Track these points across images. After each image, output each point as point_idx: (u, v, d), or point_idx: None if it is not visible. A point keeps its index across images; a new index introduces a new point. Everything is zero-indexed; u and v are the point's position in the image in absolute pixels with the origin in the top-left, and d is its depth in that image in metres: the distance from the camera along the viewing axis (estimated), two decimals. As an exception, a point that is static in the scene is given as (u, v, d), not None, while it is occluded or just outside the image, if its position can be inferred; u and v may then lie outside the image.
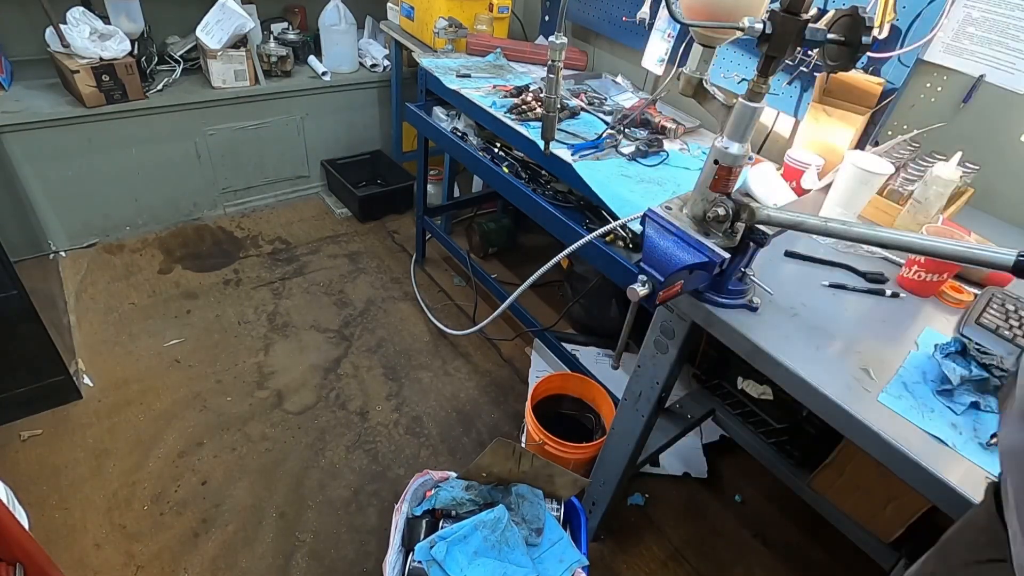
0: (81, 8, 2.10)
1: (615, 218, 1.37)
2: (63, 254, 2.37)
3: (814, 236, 1.18)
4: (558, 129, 1.59)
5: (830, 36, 0.75)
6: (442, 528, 1.24)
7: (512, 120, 1.68)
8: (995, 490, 0.50)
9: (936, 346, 0.89)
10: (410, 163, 2.98)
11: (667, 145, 1.65)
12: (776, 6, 0.73)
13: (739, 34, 0.74)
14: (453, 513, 1.28)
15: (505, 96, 1.80)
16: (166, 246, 2.50)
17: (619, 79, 2.07)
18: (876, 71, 1.44)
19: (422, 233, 2.51)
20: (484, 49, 2.15)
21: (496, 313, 1.44)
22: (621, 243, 1.47)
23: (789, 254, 1.13)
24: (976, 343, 0.88)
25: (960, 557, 0.54)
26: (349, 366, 2.06)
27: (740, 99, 0.80)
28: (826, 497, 1.47)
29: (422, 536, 1.22)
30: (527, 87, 1.85)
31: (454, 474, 1.35)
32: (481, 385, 2.07)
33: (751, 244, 0.89)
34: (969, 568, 0.52)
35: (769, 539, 1.70)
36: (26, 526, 1.23)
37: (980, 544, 0.51)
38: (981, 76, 1.30)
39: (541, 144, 1.54)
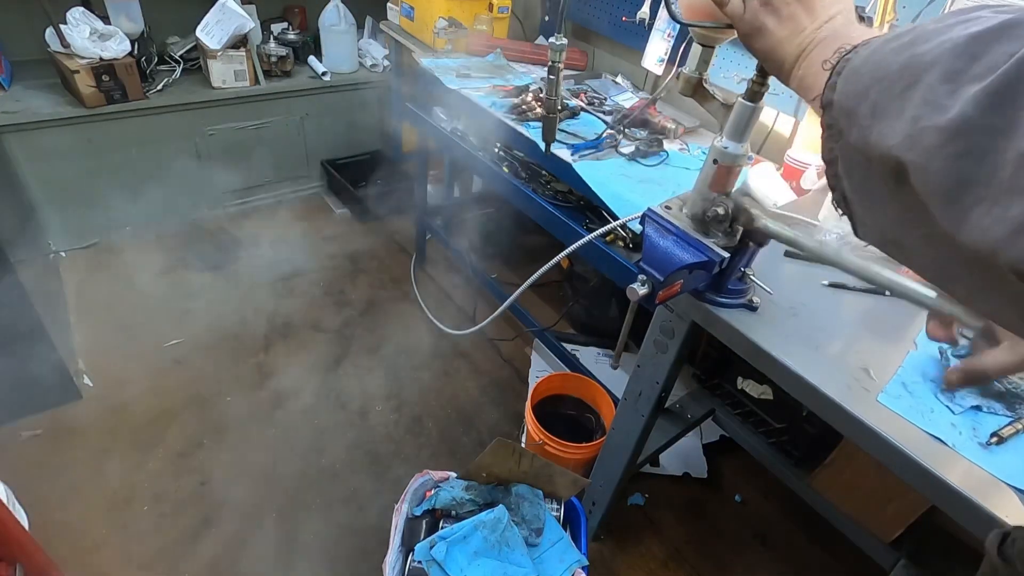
0: (81, 8, 2.10)
1: (615, 218, 1.37)
2: (63, 254, 2.37)
3: (814, 237, 1.18)
4: (558, 129, 1.59)
5: (830, 36, 0.75)
6: (442, 528, 1.24)
7: (512, 120, 1.68)
8: (1000, 541, 0.49)
9: (943, 348, 0.89)
10: (410, 163, 2.98)
11: (667, 145, 1.64)
12: (776, 6, 0.73)
13: (738, 36, 0.73)
14: (453, 513, 1.28)
15: (505, 96, 1.80)
16: (166, 246, 2.50)
17: (619, 79, 2.07)
18: (876, 71, 1.44)
19: (422, 233, 2.51)
20: (484, 49, 2.15)
21: (496, 313, 1.44)
22: (621, 243, 1.47)
23: (789, 254, 1.13)
24: None
25: None
26: (349, 366, 2.06)
27: (740, 99, 0.79)
28: (826, 497, 1.47)
29: (422, 536, 1.22)
30: (527, 87, 1.85)
31: (454, 474, 1.35)
32: (481, 385, 2.07)
33: (751, 244, 0.89)
34: None
35: (769, 539, 1.70)
36: (26, 526, 1.23)
37: None
38: (981, 76, 1.30)
39: (541, 145, 1.53)
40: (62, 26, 2.05)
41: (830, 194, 0.44)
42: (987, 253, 0.30)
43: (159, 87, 2.32)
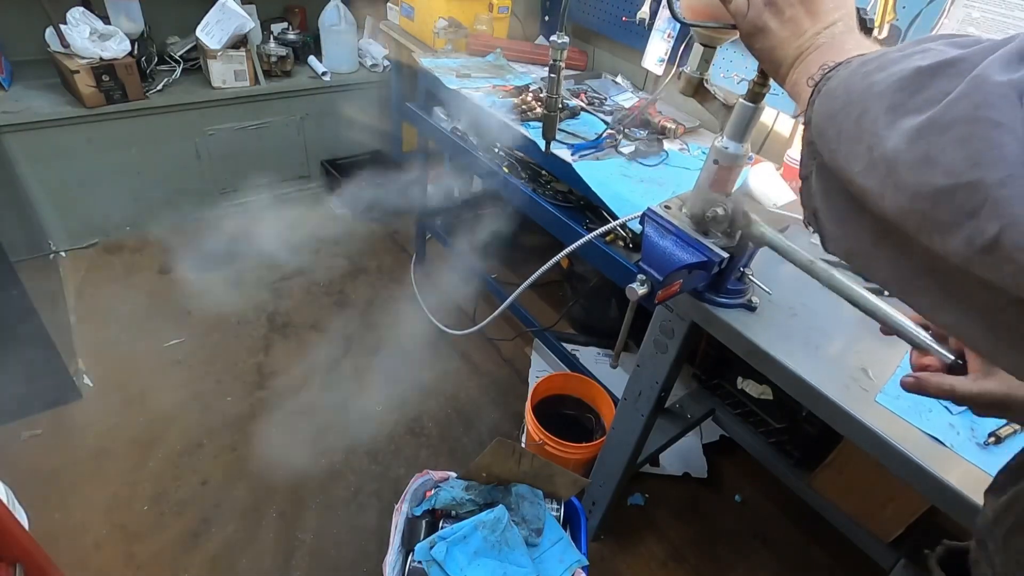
0: (81, 8, 2.10)
1: (615, 218, 1.37)
2: (63, 254, 2.37)
3: (812, 238, 1.18)
4: (558, 129, 1.59)
5: (829, 36, 0.75)
6: (442, 528, 1.24)
7: (512, 120, 1.68)
8: (940, 559, 0.50)
9: None
10: (410, 163, 2.98)
11: (667, 145, 1.65)
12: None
13: (740, 35, 0.73)
14: (453, 513, 1.28)
15: (505, 96, 1.80)
16: (166, 246, 2.50)
17: (619, 79, 2.07)
18: (876, 71, 1.44)
19: (422, 233, 2.51)
20: (484, 49, 2.15)
21: (496, 313, 1.44)
22: (621, 243, 1.47)
23: (789, 254, 1.12)
24: None
25: None
26: (349, 366, 2.07)
27: (740, 99, 0.80)
28: (826, 497, 1.47)
29: (422, 536, 1.22)
30: (527, 87, 1.85)
31: (454, 474, 1.35)
32: (481, 385, 2.07)
33: (750, 244, 0.90)
34: None
35: (769, 539, 1.70)
36: (26, 526, 1.23)
37: None
38: (981, 76, 1.30)
39: (541, 144, 1.53)
40: (62, 26, 2.05)
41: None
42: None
43: (159, 87, 2.32)
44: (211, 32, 2.30)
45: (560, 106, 1.53)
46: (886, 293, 0.72)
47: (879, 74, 0.35)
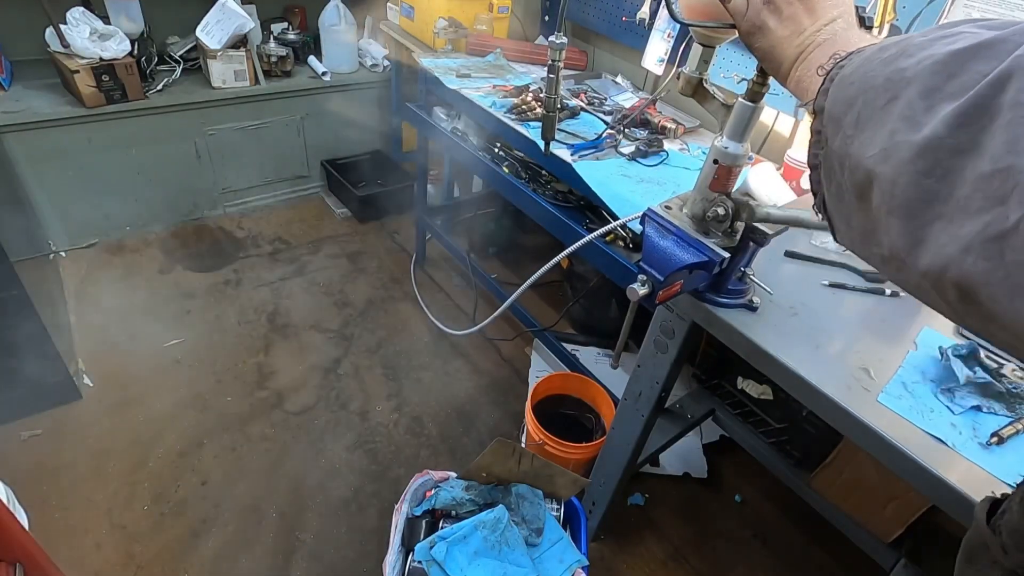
0: (81, 8, 2.10)
1: (615, 218, 1.37)
2: (63, 254, 2.37)
3: (813, 238, 1.18)
4: (558, 129, 1.59)
5: (830, 36, 0.75)
6: (442, 528, 1.24)
7: (512, 120, 1.68)
8: (989, 509, 0.49)
9: (943, 348, 0.89)
10: (410, 163, 2.98)
11: (667, 145, 1.65)
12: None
13: (739, 34, 0.73)
14: (453, 513, 1.28)
15: (505, 96, 1.80)
16: (166, 246, 2.50)
17: (619, 79, 2.07)
18: (876, 71, 1.44)
19: (422, 233, 2.51)
20: (484, 49, 2.15)
21: (496, 313, 1.44)
22: (621, 243, 1.47)
23: (789, 254, 1.13)
24: (988, 350, 0.89)
25: None
26: (349, 366, 2.06)
27: (740, 99, 0.79)
28: (826, 497, 1.47)
29: (422, 536, 1.22)
30: (527, 87, 1.85)
31: (454, 474, 1.35)
32: (481, 385, 2.07)
33: (751, 243, 0.89)
34: None
35: (769, 539, 1.70)
36: (26, 526, 1.23)
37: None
38: (981, 76, 1.30)
39: (541, 144, 1.53)
40: (62, 26, 2.05)
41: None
42: (938, 270, 0.30)
43: (159, 87, 2.32)
44: (211, 32, 2.30)
45: (559, 106, 1.53)
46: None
47: (905, 60, 0.34)
